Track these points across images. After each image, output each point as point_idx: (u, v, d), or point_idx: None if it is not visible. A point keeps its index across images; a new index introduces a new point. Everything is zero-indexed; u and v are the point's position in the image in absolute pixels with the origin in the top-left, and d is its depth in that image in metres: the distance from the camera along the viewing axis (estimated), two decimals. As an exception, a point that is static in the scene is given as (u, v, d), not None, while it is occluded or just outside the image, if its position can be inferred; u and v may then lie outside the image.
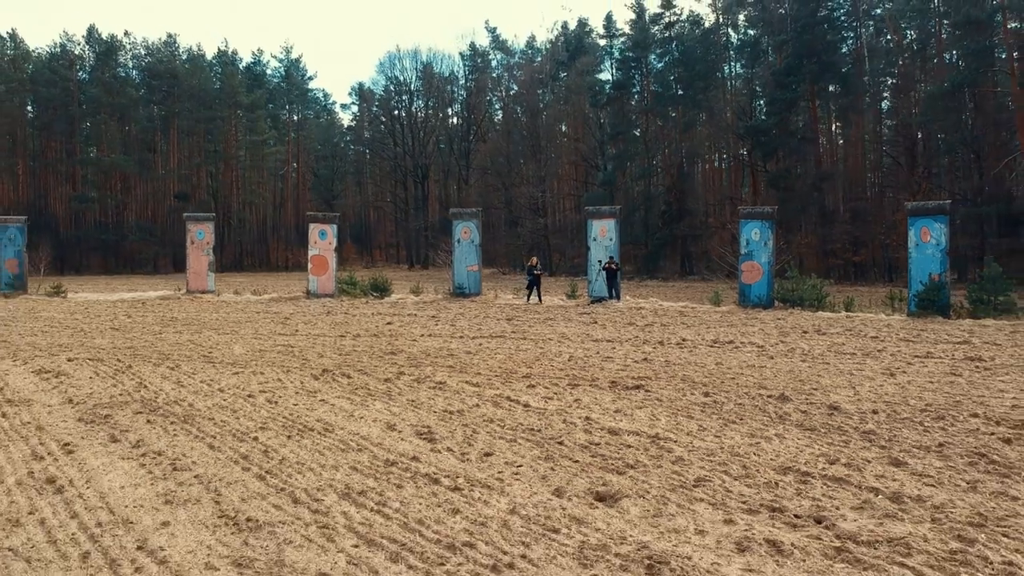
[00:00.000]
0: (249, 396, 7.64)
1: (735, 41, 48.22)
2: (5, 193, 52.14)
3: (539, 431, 6.14)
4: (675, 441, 5.80)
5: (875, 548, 3.76)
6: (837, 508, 4.33)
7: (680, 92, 47.63)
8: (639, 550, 3.72)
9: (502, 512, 4.29)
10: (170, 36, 58.44)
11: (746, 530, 3.99)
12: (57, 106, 52.07)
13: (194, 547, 3.84)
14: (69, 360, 10.03)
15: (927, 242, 16.04)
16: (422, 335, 12.84)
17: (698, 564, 3.57)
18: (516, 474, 5.02)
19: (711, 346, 11.20)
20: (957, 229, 33.33)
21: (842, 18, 38.56)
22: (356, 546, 3.83)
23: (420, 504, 4.44)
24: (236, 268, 53.40)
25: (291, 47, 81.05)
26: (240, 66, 61.22)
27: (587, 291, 20.70)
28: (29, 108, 53.32)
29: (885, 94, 36.97)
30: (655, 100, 48.01)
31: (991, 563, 3.60)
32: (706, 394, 7.57)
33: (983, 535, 3.92)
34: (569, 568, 3.54)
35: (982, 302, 16.05)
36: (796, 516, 4.20)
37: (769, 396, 7.40)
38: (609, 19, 53.88)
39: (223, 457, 5.47)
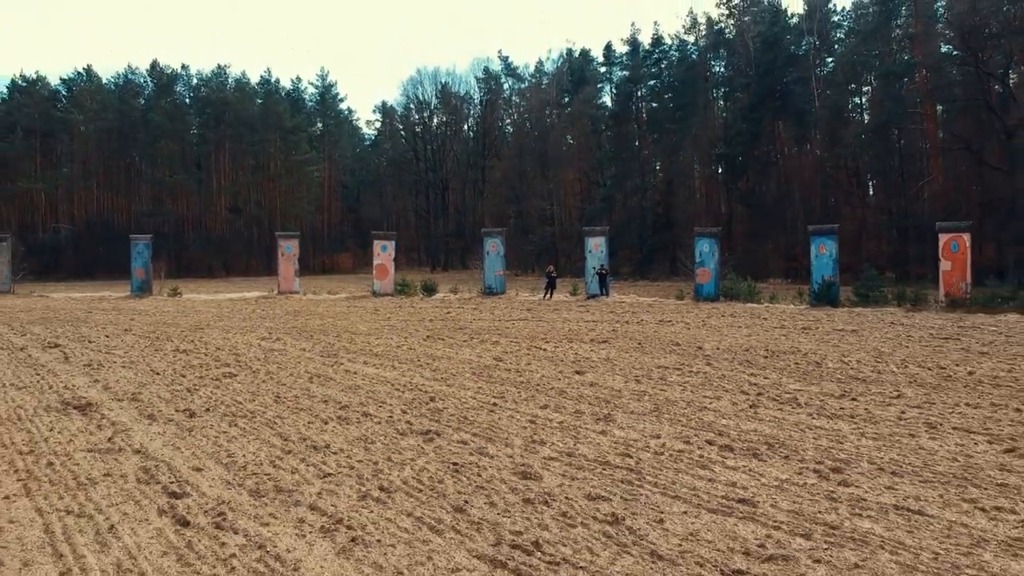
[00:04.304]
0: (398, 347, 14.35)
1: (716, 74, 55.10)
2: (82, 209, 59.53)
3: (552, 358, 12.84)
4: (616, 360, 12.49)
5: (677, 384, 10.42)
6: (671, 376, 10.99)
7: (672, 111, 54.37)
8: (589, 382, 10.43)
9: (536, 377, 10.99)
10: (220, 67, 66.01)
11: (629, 379, 10.68)
12: (124, 131, 59.44)
13: (425, 381, 10.55)
14: (269, 333, 16.78)
15: (823, 254, 22.67)
16: (473, 319, 19.55)
17: (611, 385, 10.27)
18: (542, 368, 11.74)
19: (657, 323, 17.89)
20: (894, 238, 40.01)
21: (802, 52, 45.20)
22: (486, 384, 10.53)
23: (505, 375, 11.15)
24: (278, 272, 60.42)
25: (327, 73, 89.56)
26: (282, 93, 68.88)
27: (585, 290, 27.46)
28: (99, 132, 60.55)
29: (834, 126, 43.54)
30: (648, 125, 54.80)
31: (717, 387, 10.24)
32: (639, 344, 14.27)
33: (720, 380, 10.59)
34: (567, 385, 10.24)
35: (864, 296, 22.68)
36: (651, 378, 10.88)
37: (671, 343, 14.11)
38: (609, 48, 60.44)
39: (411, 366, 12.16)
